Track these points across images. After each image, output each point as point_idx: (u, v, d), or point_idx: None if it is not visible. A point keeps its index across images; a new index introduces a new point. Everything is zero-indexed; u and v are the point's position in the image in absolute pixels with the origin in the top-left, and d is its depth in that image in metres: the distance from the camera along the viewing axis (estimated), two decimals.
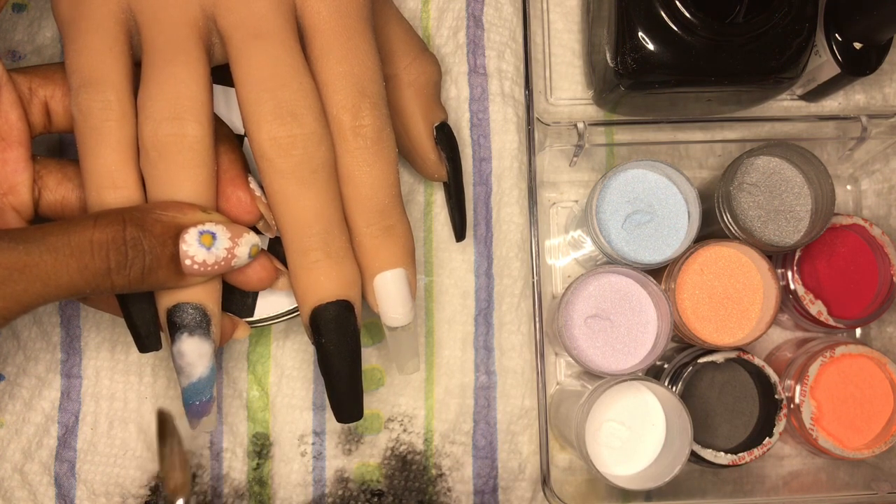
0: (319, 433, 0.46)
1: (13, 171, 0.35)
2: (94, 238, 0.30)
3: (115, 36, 0.33)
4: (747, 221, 0.45)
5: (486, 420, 0.47)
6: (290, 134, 0.32)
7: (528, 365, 0.47)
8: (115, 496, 0.45)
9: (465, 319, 0.47)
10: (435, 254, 0.47)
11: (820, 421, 0.45)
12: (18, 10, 0.47)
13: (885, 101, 0.50)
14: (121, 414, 0.45)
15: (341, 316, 0.34)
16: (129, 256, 0.31)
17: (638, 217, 0.44)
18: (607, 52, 0.44)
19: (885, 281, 0.46)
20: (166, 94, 0.32)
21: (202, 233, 0.32)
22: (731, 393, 0.46)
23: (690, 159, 0.50)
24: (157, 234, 0.31)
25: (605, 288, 0.44)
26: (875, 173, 0.50)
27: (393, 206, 0.35)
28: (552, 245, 0.50)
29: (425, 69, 0.41)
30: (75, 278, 0.30)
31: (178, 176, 0.33)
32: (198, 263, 0.32)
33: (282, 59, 0.33)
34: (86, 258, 0.30)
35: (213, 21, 0.34)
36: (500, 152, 0.48)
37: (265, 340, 0.46)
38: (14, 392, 0.45)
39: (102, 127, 0.33)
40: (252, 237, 0.33)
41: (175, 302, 0.33)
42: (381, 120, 0.34)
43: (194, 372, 0.33)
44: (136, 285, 0.31)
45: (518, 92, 0.48)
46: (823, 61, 0.46)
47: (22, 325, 0.45)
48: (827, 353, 0.45)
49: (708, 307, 0.45)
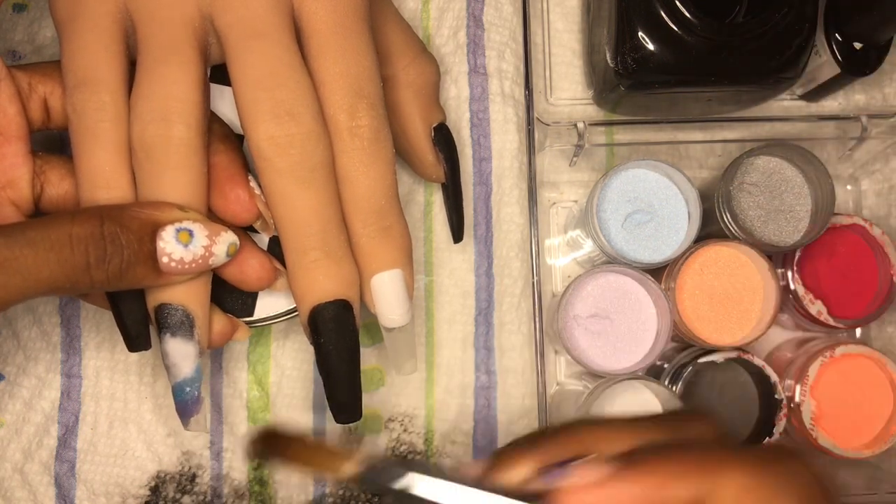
0: (320, 433, 0.46)
1: (11, 165, 0.35)
2: (72, 232, 0.30)
3: (111, 35, 0.33)
4: (747, 221, 0.45)
5: (486, 420, 0.47)
6: (287, 133, 0.32)
7: (528, 365, 0.47)
8: (115, 496, 0.45)
9: (465, 319, 0.47)
10: (435, 254, 0.47)
11: (820, 421, 0.45)
12: (18, 10, 0.47)
13: (885, 101, 0.50)
14: (121, 414, 0.45)
15: (340, 316, 0.34)
16: (108, 251, 0.31)
17: (638, 217, 0.44)
18: (607, 52, 0.44)
19: (885, 281, 0.46)
20: (156, 95, 0.32)
21: (179, 230, 0.32)
22: (731, 393, 0.46)
23: (690, 159, 0.50)
24: (135, 230, 0.31)
25: (605, 287, 0.44)
26: (875, 173, 0.50)
27: (390, 207, 0.35)
28: (552, 245, 0.50)
29: (424, 70, 0.41)
30: (55, 273, 0.30)
31: (163, 176, 0.33)
32: (175, 261, 0.32)
33: (279, 59, 0.33)
34: (65, 252, 0.30)
35: (209, 21, 0.34)
36: (500, 152, 0.48)
37: (265, 340, 0.46)
38: (14, 392, 0.45)
39: (97, 127, 0.33)
40: (230, 236, 0.33)
41: (158, 302, 0.33)
42: (379, 120, 0.34)
43: (179, 372, 0.33)
44: (116, 282, 0.31)
45: (518, 92, 0.48)
46: (823, 61, 0.46)
47: (22, 326, 0.45)
48: (827, 353, 0.45)
49: (708, 307, 0.45)
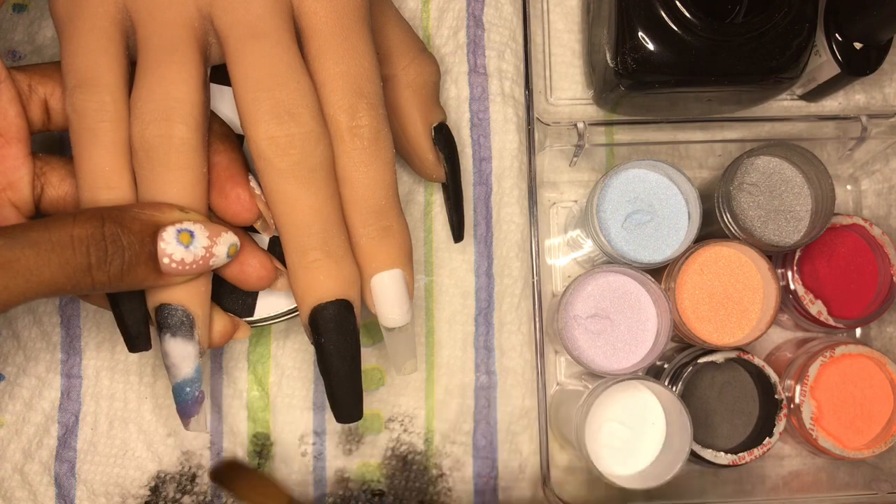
0: (320, 433, 0.46)
1: (12, 167, 0.35)
2: (73, 233, 0.30)
3: (110, 36, 0.33)
4: (747, 221, 0.45)
5: (486, 420, 0.47)
6: (287, 133, 0.32)
7: (528, 365, 0.47)
8: (115, 496, 0.45)
9: (465, 319, 0.47)
10: (435, 254, 0.47)
11: (820, 421, 0.45)
12: (18, 11, 0.47)
13: (885, 101, 0.50)
14: (121, 414, 0.45)
15: (341, 315, 0.34)
16: (109, 252, 0.31)
17: (638, 217, 0.44)
18: (607, 52, 0.44)
19: (885, 281, 0.46)
20: (156, 95, 0.32)
21: (180, 231, 0.32)
22: (731, 393, 0.46)
23: (690, 159, 0.50)
24: (136, 231, 0.31)
25: (604, 287, 0.44)
26: (875, 173, 0.50)
27: (390, 207, 0.35)
28: (552, 245, 0.50)
29: (424, 70, 0.41)
30: (57, 274, 0.30)
31: (164, 177, 0.33)
32: (176, 262, 0.32)
33: (279, 59, 0.33)
34: (66, 253, 0.30)
35: (209, 21, 0.34)
36: (500, 152, 0.48)
37: (265, 340, 0.46)
38: (14, 392, 0.45)
39: (97, 128, 0.33)
40: (231, 236, 0.33)
41: (158, 302, 0.33)
42: (379, 120, 0.34)
43: (179, 373, 0.34)
44: (117, 283, 0.31)
45: (518, 92, 0.48)
46: (823, 61, 0.46)
47: (22, 326, 0.45)
48: (827, 353, 0.45)
49: (708, 307, 0.45)
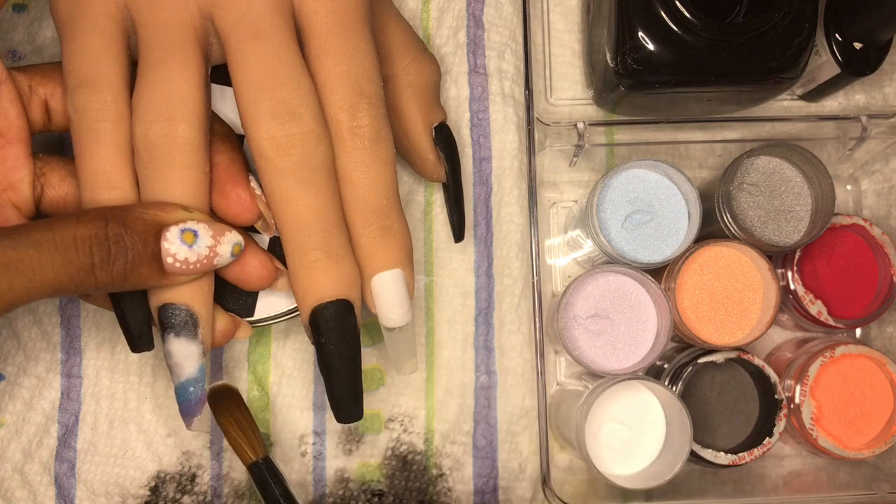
0: (320, 433, 0.46)
1: (13, 167, 0.35)
2: (77, 233, 0.30)
3: (111, 36, 0.33)
4: (747, 221, 0.45)
5: (486, 420, 0.47)
6: (288, 133, 0.32)
7: (528, 365, 0.47)
8: (115, 496, 0.45)
9: (465, 319, 0.47)
10: (435, 254, 0.47)
11: (820, 421, 0.45)
12: (18, 11, 0.47)
13: (885, 101, 0.50)
14: (121, 414, 0.45)
15: (341, 315, 0.34)
16: (112, 252, 0.31)
17: (638, 217, 0.44)
18: (607, 52, 0.44)
19: (885, 281, 0.46)
20: (158, 95, 0.32)
21: (184, 230, 0.32)
22: (731, 393, 0.46)
23: (690, 159, 0.50)
24: (139, 230, 0.31)
25: (604, 287, 0.44)
26: (875, 173, 0.50)
27: (390, 207, 0.35)
28: (552, 245, 0.50)
29: (424, 69, 0.41)
30: (60, 274, 0.30)
31: (167, 176, 0.33)
32: (180, 261, 0.32)
33: (280, 59, 0.33)
34: (69, 253, 0.30)
35: (210, 21, 0.34)
36: (500, 152, 0.48)
37: (265, 340, 0.46)
38: (14, 392, 0.45)
39: (98, 127, 0.33)
40: (234, 236, 0.33)
41: (162, 302, 0.33)
42: (379, 120, 0.34)
43: (182, 372, 0.34)
44: (120, 282, 0.31)
45: (518, 92, 0.48)
46: (823, 61, 0.46)
47: (22, 326, 0.45)
48: (827, 353, 0.45)
49: (708, 307, 0.45)
